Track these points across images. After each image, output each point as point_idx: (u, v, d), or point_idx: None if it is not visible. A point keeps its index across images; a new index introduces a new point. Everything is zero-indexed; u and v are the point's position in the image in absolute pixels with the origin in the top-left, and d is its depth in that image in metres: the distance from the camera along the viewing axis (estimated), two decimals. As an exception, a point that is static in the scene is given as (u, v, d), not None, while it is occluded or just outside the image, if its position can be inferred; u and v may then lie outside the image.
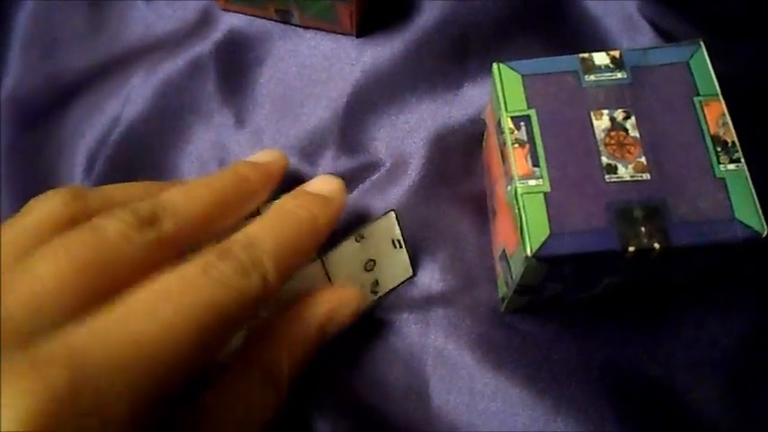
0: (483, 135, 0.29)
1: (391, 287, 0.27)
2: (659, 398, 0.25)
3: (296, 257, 0.21)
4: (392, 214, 0.25)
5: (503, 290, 0.26)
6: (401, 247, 0.26)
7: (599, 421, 0.25)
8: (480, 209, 0.28)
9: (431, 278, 0.27)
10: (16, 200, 0.30)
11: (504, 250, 0.24)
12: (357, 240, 0.25)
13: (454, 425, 0.25)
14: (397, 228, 0.26)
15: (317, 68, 0.31)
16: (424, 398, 0.26)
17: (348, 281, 0.25)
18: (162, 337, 0.16)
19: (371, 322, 0.27)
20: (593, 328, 0.26)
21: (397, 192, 0.29)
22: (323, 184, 0.24)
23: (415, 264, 0.27)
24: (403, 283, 0.27)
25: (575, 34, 0.31)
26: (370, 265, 0.26)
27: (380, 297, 0.27)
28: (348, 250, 0.25)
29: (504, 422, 0.25)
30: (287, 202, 0.22)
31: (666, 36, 0.31)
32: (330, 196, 0.23)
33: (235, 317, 0.18)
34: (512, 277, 0.23)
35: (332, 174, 0.27)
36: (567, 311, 0.26)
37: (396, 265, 0.27)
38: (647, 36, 0.31)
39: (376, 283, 0.26)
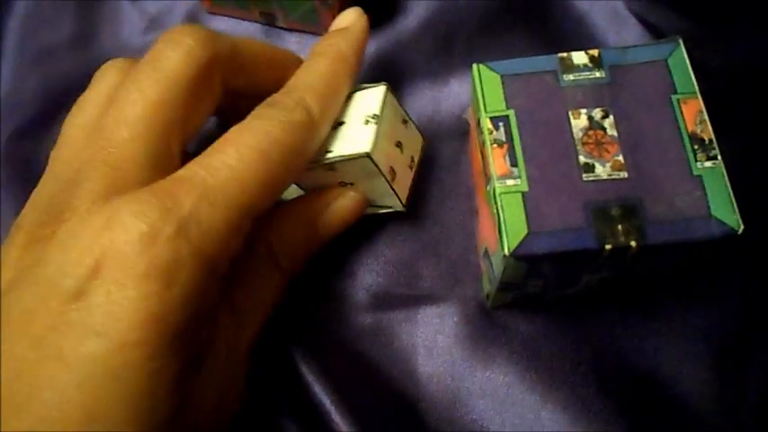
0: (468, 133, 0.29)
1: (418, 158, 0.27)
2: (646, 391, 0.26)
3: (332, 89, 0.24)
4: (384, 88, 0.25)
5: (486, 287, 0.26)
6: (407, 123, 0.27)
7: (587, 415, 0.25)
8: (467, 206, 0.29)
9: (418, 276, 0.28)
10: (14, 206, 0.30)
11: (486, 248, 0.25)
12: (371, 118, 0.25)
13: (442, 421, 0.26)
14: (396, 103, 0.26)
15: (303, 70, 0.31)
16: (412, 395, 0.26)
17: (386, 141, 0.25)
18: (246, 174, 0.20)
19: (359, 320, 0.27)
20: (580, 323, 0.26)
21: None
22: (343, 19, 0.26)
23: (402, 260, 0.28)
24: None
25: (561, 30, 0.31)
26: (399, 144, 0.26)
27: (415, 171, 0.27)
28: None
29: (493, 419, 0.25)
30: (316, 46, 0.25)
31: (654, 30, 0.31)
32: (350, 27, 0.26)
33: (293, 147, 0.22)
34: (494, 275, 0.23)
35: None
36: (555, 307, 0.27)
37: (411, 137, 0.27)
38: (633, 30, 0.31)
39: (411, 159, 0.27)
